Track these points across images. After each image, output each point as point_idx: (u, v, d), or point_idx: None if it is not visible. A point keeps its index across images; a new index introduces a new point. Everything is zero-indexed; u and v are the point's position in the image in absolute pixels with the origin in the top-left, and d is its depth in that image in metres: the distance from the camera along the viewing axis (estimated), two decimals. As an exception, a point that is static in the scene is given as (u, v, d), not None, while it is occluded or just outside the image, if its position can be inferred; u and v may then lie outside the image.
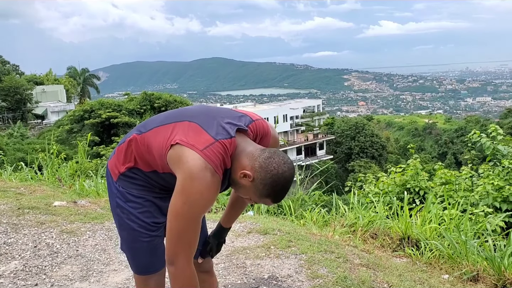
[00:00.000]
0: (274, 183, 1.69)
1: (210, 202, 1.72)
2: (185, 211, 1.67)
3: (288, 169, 1.71)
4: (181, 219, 1.69)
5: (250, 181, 1.71)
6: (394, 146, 57.68)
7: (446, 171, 5.60)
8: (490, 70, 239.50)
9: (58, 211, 4.37)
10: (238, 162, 1.73)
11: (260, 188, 1.70)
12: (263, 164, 1.69)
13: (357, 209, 4.86)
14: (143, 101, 40.01)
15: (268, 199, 1.73)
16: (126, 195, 1.85)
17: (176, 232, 1.70)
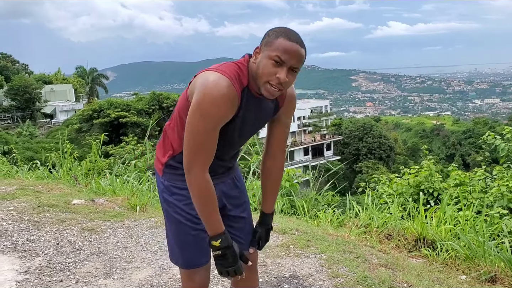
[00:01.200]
0: (275, 28, 1.77)
1: (225, 113, 1.72)
2: (200, 122, 1.70)
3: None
4: (196, 132, 1.72)
5: (260, 50, 1.76)
6: (402, 147, 57.49)
7: (460, 173, 5.61)
8: (498, 71, 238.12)
9: (77, 209, 4.43)
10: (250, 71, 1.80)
11: (270, 39, 1.74)
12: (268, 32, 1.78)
13: (371, 209, 4.89)
14: (152, 101, 40.11)
15: (281, 38, 1.72)
16: (171, 188, 1.89)
17: (192, 144, 1.74)
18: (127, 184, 5.89)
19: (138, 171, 6.70)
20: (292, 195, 5.59)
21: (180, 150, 1.84)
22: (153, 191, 5.45)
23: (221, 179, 1.97)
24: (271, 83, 1.73)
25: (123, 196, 5.27)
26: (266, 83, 1.73)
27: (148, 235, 3.84)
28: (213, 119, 1.71)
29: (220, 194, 1.96)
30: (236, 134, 1.86)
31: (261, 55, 1.74)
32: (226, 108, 1.71)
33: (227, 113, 1.73)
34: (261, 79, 1.74)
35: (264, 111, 1.90)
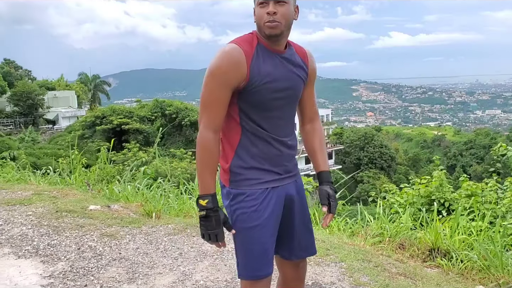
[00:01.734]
0: None
1: (228, 66, 1.83)
2: (207, 80, 1.86)
3: None
4: (204, 89, 1.88)
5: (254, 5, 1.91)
6: (403, 157, 57.49)
7: (471, 183, 5.65)
8: (500, 83, 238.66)
9: (94, 214, 4.47)
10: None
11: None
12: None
13: (383, 219, 4.92)
14: (155, 108, 40.25)
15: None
16: (239, 197, 1.93)
17: (201, 101, 1.89)
18: (138, 190, 5.93)
19: (148, 178, 6.75)
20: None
21: (234, 152, 1.95)
22: (166, 198, 5.49)
23: (284, 181, 2.00)
24: (265, 22, 1.87)
25: (136, 203, 5.30)
26: (264, 23, 1.87)
27: (167, 241, 3.87)
28: (218, 74, 1.84)
29: (288, 199, 2.00)
30: (269, 92, 1.91)
31: (254, 10, 1.92)
32: (229, 62, 1.84)
33: (232, 67, 1.84)
34: (260, 24, 1.89)
35: (292, 69, 1.98)
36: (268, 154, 1.96)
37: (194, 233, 4.07)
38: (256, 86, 1.87)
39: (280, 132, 1.97)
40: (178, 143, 35.25)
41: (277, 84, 1.91)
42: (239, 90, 1.87)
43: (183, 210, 5.00)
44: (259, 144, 1.94)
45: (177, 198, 5.45)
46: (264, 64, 1.89)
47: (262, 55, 1.90)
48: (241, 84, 1.86)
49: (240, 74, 1.84)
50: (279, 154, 1.98)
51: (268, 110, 1.92)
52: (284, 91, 1.95)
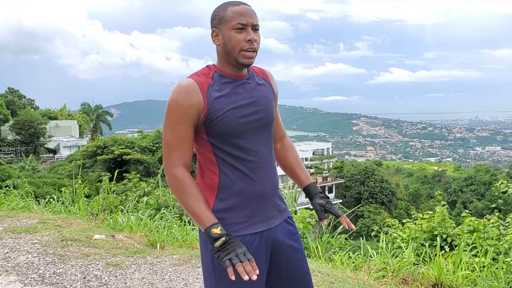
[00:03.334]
0: (222, 4, 1.85)
1: (184, 101, 1.75)
2: (166, 120, 1.79)
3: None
4: (165, 130, 1.80)
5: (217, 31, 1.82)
6: (404, 192, 57.34)
7: (473, 219, 5.68)
8: (499, 119, 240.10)
9: (99, 244, 4.50)
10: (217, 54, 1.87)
11: (221, 15, 1.80)
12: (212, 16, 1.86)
13: (386, 254, 4.94)
14: (156, 138, 40.45)
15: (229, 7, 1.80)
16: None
17: (166, 141, 1.80)
18: (141, 221, 5.96)
19: (150, 209, 6.78)
20: (305, 236, 5.64)
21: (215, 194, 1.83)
22: (169, 229, 5.51)
23: (272, 221, 1.88)
24: (244, 49, 1.78)
25: (140, 233, 5.33)
26: (240, 51, 1.78)
27: (172, 272, 3.89)
28: (175, 111, 1.76)
29: (275, 243, 1.88)
30: (236, 119, 1.80)
31: (222, 33, 1.80)
32: (184, 96, 1.75)
33: (186, 99, 1.75)
34: (235, 50, 1.78)
35: (253, 92, 1.88)
36: (251, 189, 1.83)
37: (199, 264, 4.08)
38: (219, 116, 1.77)
39: (260, 162, 1.85)
40: (179, 174, 35.16)
41: (242, 110, 1.81)
42: (203, 124, 1.78)
43: (186, 241, 5.02)
44: (240, 180, 1.81)
45: (180, 229, 5.47)
46: (223, 92, 1.80)
47: (220, 83, 1.81)
48: (201, 117, 1.77)
49: (196, 105, 1.75)
50: (263, 188, 1.85)
51: (240, 137, 1.81)
52: (253, 115, 1.84)
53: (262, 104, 1.87)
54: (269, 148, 1.92)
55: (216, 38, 1.83)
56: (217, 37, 1.82)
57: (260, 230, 1.83)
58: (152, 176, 31.52)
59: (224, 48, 1.80)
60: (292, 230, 1.95)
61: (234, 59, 1.80)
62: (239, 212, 1.81)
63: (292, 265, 1.92)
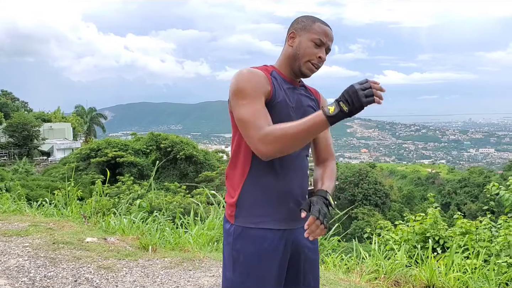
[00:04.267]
0: (305, 15, 1.93)
1: (258, 80, 1.76)
2: (240, 96, 1.74)
3: None
4: (239, 106, 1.74)
5: (296, 34, 1.88)
6: (398, 194, 57.48)
7: (466, 221, 5.71)
8: (493, 121, 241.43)
9: (91, 247, 4.48)
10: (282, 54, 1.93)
11: (306, 24, 1.87)
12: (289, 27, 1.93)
13: (378, 256, 4.95)
14: (150, 141, 40.34)
15: (318, 22, 1.88)
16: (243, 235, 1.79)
17: (241, 120, 1.73)
18: (134, 224, 5.94)
19: (143, 211, 6.76)
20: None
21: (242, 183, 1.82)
22: (162, 231, 5.49)
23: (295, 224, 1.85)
24: (312, 62, 1.87)
25: (132, 236, 5.31)
26: (308, 61, 1.86)
27: (163, 275, 3.88)
28: (247, 89, 1.74)
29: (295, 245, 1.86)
30: (287, 110, 1.83)
31: (299, 38, 1.87)
32: (258, 77, 1.78)
33: (261, 81, 1.78)
34: (303, 58, 1.86)
35: (303, 99, 1.93)
36: (278, 186, 1.81)
37: (190, 267, 4.08)
38: (276, 103, 1.79)
39: (292, 163, 1.85)
40: (173, 176, 35.16)
41: (290, 110, 1.84)
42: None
43: (179, 243, 5.01)
44: (270, 174, 1.80)
45: (172, 232, 5.46)
46: (284, 92, 1.85)
47: (278, 80, 1.86)
48: (267, 97, 1.79)
49: (265, 85, 1.78)
50: (290, 188, 1.84)
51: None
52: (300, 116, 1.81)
53: (307, 114, 1.79)
54: (305, 153, 1.94)
55: (292, 39, 1.90)
56: (293, 39, 1.90)
57: (282, 228, 1.81)
58: (146, 179, 31.41)
59: (295, 52, 1.87)
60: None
61: (299, 65, 1.87)
62: (263, 205, 1.80)
63: (309, 271, 1.92)
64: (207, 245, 4.96)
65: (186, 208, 14.94)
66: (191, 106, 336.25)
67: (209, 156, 37.73)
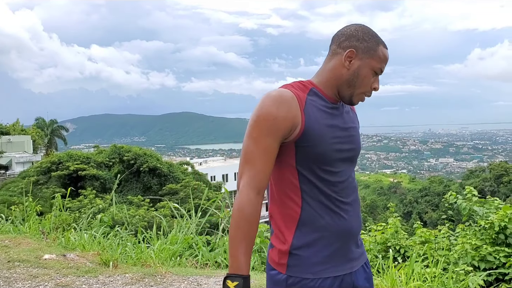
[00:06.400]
0: (366, 30, 1.63)
1: (281, 120, 1.53)
2: (252, 128, 1.54)
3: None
4: (249, 138, 1.55)
5: (356, 55, 1.60)
6: (361, 204, 58.29)
7: (425, 230, 5.84)
8: (451, 132, 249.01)
9: (49, 264, 4.34)
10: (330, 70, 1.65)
11: (370, 46, 1.61)
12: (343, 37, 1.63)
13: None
14: (112, 153, 39.59)
15: (381, 46, 1.63)
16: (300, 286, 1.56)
17: (245, 152, 1.56)
18: (95, 239, 5.81)
19: (104, 226, 6.62)
20: (263, 251, 5.64)
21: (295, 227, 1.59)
22: (123, 246, 5.39)
23: (354, 264, 1.66)
24: (366, 93, 1.66)
25: (93, 251, 5.19)
26: (361, 93, 1.65)
27: (124, 291, 3.80)
28: (264, 121, 1.53)
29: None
30: (331, 142, 1.60)
31: (359, 62, 1.61)
32: (279, 107, 1.53)
33: (282, 110, 1.53)
34: (359, 89, 1.63)
35: (346, 118, 1.70)
36: (337, 226, 1.61)
37: (152, 283, 4.01)
38: (315, 135, 1.56)
39: (347, 196, 1.65)
40: (136, 190, 34.61)
41: (337, 134, 1.62)
42: (294, 142, 1.56)
43: (141, 259, 4.92)
44: (326, 214, 1.59)
45: (134, 247, 5.36)
46: (320, 110, 1.60)
47: (318, 102, 1.61)
48: (295, 133, 1.54)
49: (291, 119, 1.53)
50: (350, 226, 1.64)
51: (332, 165, 1.60)
52: (347, 143, 1.66)
53: (354, 133, 1.70)
54: (355, 181, 1.74)
55: (349, 60, 1.61)
56: (350, 60, 1.61)
57: (341, 273, 1.61)
58: (109, 192, 30.78)
59: (351, 78, 1.61)
60: (370, 275, 1.75)
61: (350, 94, 1.64)
62: (320, 250, 1.58)
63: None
64: (170, 260, 4.89)
65: (150, 221, 14.71)
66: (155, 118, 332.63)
67: (174, 169, 37.32)
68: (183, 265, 4.86)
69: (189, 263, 4.94)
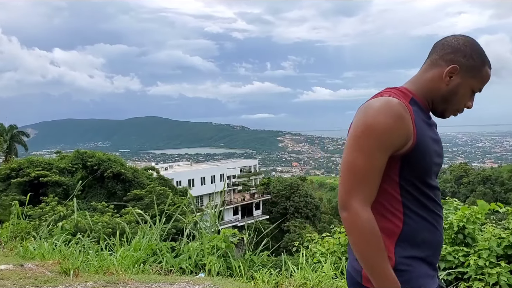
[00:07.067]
0: (475, 46, 1.56)
1: (398, 134, 1.45)
2: (366, 140, 1.45)
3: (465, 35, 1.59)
4: (361, 152, 1.45)
5: (458, 72, 1.54)
6: (327, 206, 59.03)
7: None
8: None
9: (5, 275, 4.20)
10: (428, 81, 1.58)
11: (476, 64, 1.54)
12: (449, 49, 1.55)
13: (306, 269, 5.04)
14: (75, 159, 38.75)
15: (486, 66, 1.57)
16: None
17: (356, 168, 1.45)
18: (56, 247, 5.66)
19: (66, 233, 6.46)
20: (228, 256, 5.62)
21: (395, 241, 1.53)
22: (85, 254, 5.27)
23: (437, 273, 1.65)
24: (459, 110, 1.62)
25: (53, 260, 5.05)
26: (455, 110, 1.62)
27: (85, 300, 3.72)
28: (379, 135, 1.44)
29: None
30: (434, 155, 1.57)
31: (460, 80, 1.56)
32: (396, 120, 1.45)
33: (398, 124, 1.46)
34: (452, 106, 1.60)
35: (436, 130, 1.66)
36: (433, 240, 1.58)
37: (114, 291, 3.94)
38: (424, 148, 1.50)
39: (440, 208, 1.62)
40: (100, 196, 33.97)
41: (437, 146, 1.59)
42: (402, 155, 1.49)
43: (103, 266, 4.83)
44: (425, 229, 1.56)
45: (97, 254, 5.25)
46: (423, 122, 1.55)
47: (419, 113, 1.56)
48: (406, 147, 1.48)
49: (405, 134, 1.46)
50: (441, 239, 1.62)
51: (431, 178, 1.57)
52: (441, 155, 1.64)
53: (441, 145, 1.67)
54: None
55: (450, 74, 1.56)
56: (451, 76, 1.55)
57: (436, 285, 1.60)
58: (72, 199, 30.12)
59: (449, 94, 1.57)
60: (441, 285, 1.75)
61: (443, 109, 1.62)
62: (420, 263, 1.56)
63: None
64: (133, 267, 4.81)
65: (114, 228, 14.45)
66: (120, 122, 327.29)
67: (138, 174, 36.83)
68: (147, 272, 4.79)
69: (153, 270, 4.88)
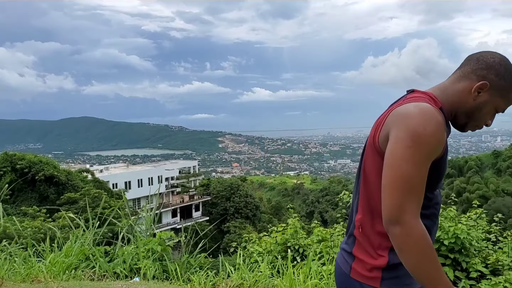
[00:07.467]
0: (509, 67, 1.55)
1: (441, 137, 1.45)
2: (411, 152, 1.41)
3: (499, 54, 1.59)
4: (406, 165, 1.40)
5: (487, 89, 1.53)
6: (267, 206, 59.66)
7: (322, 229, 6.09)
8: (348, 135, 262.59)
9: None
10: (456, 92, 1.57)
11: (506, 85, 1.54)
12: (484, 65, 1.54)
13: (243, 269, 5.06)
14: (3, 162, 36.74)
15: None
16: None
17: (406, 179, 1.40)
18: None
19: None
20: (164, 259, 5.54)
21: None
22: (11, 262, 5.00)
23: None
24: (479, 127, 1.63)
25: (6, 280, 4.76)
26: (475, 126, 1.62)
27: (9, 311, 3.52)
28: (429, 145, 1.42)
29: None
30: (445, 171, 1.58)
31: (488, 97, 1.56)
32: (441, 130, 1.45)
33: (443, 138, 1.47)
34: (475, 122, 1.60)
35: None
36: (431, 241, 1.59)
37: (42, 300, 3.76)
38: (445, 157, 1.54)
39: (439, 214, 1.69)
40: (31, 200, 32.41)
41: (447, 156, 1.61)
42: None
43: (31, 274, 4.61)
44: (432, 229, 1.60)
45: (24, 262, 5.00)
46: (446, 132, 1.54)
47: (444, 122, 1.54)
48: (438, 156, 1.49)
49: (444, 142, 1.48)
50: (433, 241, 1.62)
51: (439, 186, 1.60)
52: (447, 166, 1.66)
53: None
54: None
55: (478, 90, 1.55)
56: (480, 92, 1.55)
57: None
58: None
59: (474, 110, 1.57)
60: None
61: (464, 123, 1.62)
62: None
63: None
64: (63, 274, 4.62)
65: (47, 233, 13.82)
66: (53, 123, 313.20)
67: (72, 176, 35.50)
68: (78, 278, 4.62)
69: (86, 276, 4.71)
